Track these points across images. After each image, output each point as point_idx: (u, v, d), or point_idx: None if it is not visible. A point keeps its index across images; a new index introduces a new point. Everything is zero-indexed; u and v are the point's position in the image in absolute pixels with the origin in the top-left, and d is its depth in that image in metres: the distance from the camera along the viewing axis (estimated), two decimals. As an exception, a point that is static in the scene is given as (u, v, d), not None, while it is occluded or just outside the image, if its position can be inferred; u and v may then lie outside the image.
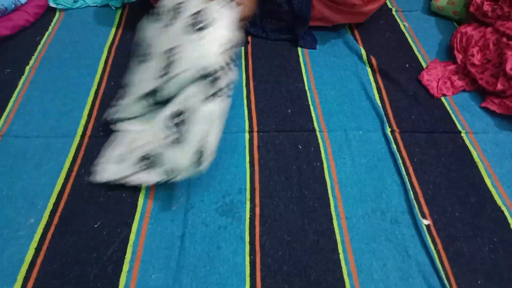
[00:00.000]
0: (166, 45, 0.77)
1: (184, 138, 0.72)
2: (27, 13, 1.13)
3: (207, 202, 0.79)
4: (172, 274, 0.69)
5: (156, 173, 0.76)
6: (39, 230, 0.73)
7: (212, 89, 0.72)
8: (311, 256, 0.72)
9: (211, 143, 0.73)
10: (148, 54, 0.82)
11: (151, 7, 1.14)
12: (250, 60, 1.09)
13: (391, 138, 0.91)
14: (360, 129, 0.93)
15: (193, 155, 0.71)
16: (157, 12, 0.83)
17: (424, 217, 0.78)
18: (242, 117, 0.94)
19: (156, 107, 0.81)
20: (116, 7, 1.23)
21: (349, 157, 0.88)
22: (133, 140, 0.81)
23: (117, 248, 0.72)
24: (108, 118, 0.86)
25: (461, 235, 0.76)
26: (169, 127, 0.75)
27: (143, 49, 0.84)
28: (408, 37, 1.20)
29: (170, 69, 0.75)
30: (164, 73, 0.76)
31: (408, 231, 0.76)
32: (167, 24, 0.79)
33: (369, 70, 1.08)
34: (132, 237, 0.73)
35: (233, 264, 0.71)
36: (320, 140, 0.91)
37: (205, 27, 0.74)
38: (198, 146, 0.71)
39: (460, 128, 0.95)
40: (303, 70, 1.07)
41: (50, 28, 1.15)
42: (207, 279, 0.69)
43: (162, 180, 0.76)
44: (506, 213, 0.80)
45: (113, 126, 0.85)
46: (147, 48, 0.83)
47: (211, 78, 0.72)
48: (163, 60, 0.77)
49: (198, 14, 0.75)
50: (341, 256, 0.72)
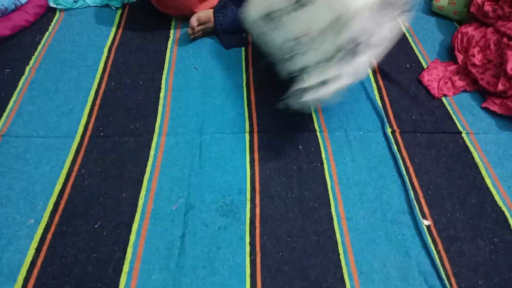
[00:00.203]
0: None
1: None
2: (27, 13, 1.13)
3: (207, 203, 0.79)
4: (172, 275, 0.69)
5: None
6: (39, 231, 0.73)
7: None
8: (312, 257, 0.72)
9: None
10: None
11: (151, 7, 1.15)
12: (251, 61, 1.09)
13: (392, 139, 0.91)
14: (361, 129, 0.93)
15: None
16: None
17: (425, 218, 0.78)
18: (243, 117, 0.94)
19: None
20: (116, 7, 1.23)
21: (350, 158, 0.88)
22: None
23: (118, 249, 0.72)
24: None
25: (462, 236, 0.76)
26: None
27: None
28: (409, 37, 1.20)
29: None
30: None
31: (409, 232, 0.76)
32: None
33: (370, 70, 1.08)
34: (132, 238, 0.73)
35: (234, 265, 0.71)
36: (321, 141, 0.90)
37: None
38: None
39: (461, 129, 0.94)
40: (304, 70, 1.07)
41: (50, 28, 1.15)
42: (207, 280, 0.69)
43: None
44: (507, 214, 0.80)
45: None
46: None
47: None
48: None
49: None
50: (342, 257, 0.72)
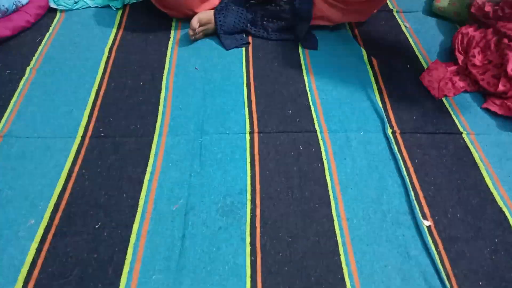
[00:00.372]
0: None
1: None
2: (28, 14, 1.13)
3: (208, 203, 0.79)
4: (173, 275, 0.69)
5: None
6: (40, 231, 0.73)
7: None
8: (312, 257, 0.72)
9: None
10: None
11: (152, 8, 1.15)
12: (251, 61, 1.09)
13: (392, 139, 0.91)
14: (361, 130, 0.93)
15: None
16: None
17: (425, 218, 0.78)
18: (243, 118, 0.94)
19: None
20: (117, 8, 1.23)
21: (350, 158, 0.88)
22: None
23: (118, 249, 0.72)
24: None
25: (462, 236, 0.76)
26: None
27: None
28: (409, 38, 1.20)
29: None
30: None
31: (409, 232, 0.76)
32: None
33: (370, 71, 1.08)
34: (133, 238, 0.73)
35: (234, 265, 0.71)
36: (321, 141, 0.90)
37: None
38: None
39: (461, 129, 0.94)
40: (304, 71, 1.07)
41: (51, 29, 1.15)
42: (208, 280, 0.69)
43: None
44: (507, 214, 0.79)
45: None
46: None
47: None
48: None
49: None
50: (342, 257, 0.72)
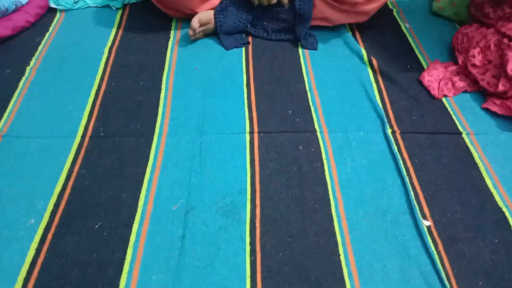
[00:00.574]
0: None
1: None
2: (28, 14, 1.13)
3: (208, 203, 0.79)
4: (173, 275, 0.69)
5: None
6: (40, 231, 0.73)
7: None
8: (312, 257, 0.72)
9: None
10: None
11: (152, 8, 1.15)
12: (251, 61, 1.09)
13: (392, 139, 0.91)
14: (361, 130, 0.93)
15: None
16: None
17: (425, 218, 0.78)
18: (243, 118, 0.94)
19: None
20: (117, 8, 1.23)
21: (350, 158, 0.88)
22: None
23: (118, 249, 0.72)
24: None
25: (462, 236, 0.76)
26: None
27: None
28: (409, 38, 1.20)
29: None
30: None
31: (409, 232, 0.76)
32: None
33: (370, 71, 1.08)
34: (133, 238, 0.73)
35: (234, 265, 0.71)
36: (321, 141, 0.90)
37: None
38: None
39: (461, 129, 0.94)
40: (304, 71, 1.07)
41: (51, 29, 1.15)
42: (208, 280, 0.69)
43: None
44: (507, 214, 0.79)
45: None
46: None
47: None
48: None
49: None
50: (342, 257, 0.72)
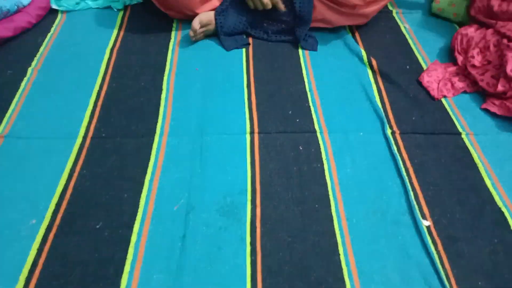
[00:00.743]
0: None
1: None
2: (29, 15, 1.13)
3: (208, 203, 0.79)
4: (173, 275, 0.69)
5: None
6: (41, 231, 0.74)
7: None
8: (312, 257, 0.72)
9: None
10: None
11: (153, 9, 1.16)
12: (251, 62, 1.09)
13: (392, 140, 0.91)
14: (361, 131, 0.94)
15: None
16: None
17: (425, 218, 0.79)
18: (243, 119, 0.95)
19: None
20: (118, 9, 1.24)
21: (350, 158, 0.88)
22: None
23: (119, 249, 0.72)
24: None
25: (462, 236, 0.76)
26: None
27: None
28: (409, 39, 1.20)
29: None
30: None
31: (409, 232, 0.77)
32: None
33: (370, 72, 1.09)
34: (134, 238, 0.73)
35: (234, 265, 0.71)
36: (321, 141, 0.91)
37: None
38: None
39: (461, 130, 0.95)
40: (304, 72, 1.08)
41: (52, 30, 1.15)
42: (208, 280, 0.69)
43: None
44: (507, 214, 0.80)
45: None
46: None
47: None
48: None
49: None
50: (342, 257, 0.73)
